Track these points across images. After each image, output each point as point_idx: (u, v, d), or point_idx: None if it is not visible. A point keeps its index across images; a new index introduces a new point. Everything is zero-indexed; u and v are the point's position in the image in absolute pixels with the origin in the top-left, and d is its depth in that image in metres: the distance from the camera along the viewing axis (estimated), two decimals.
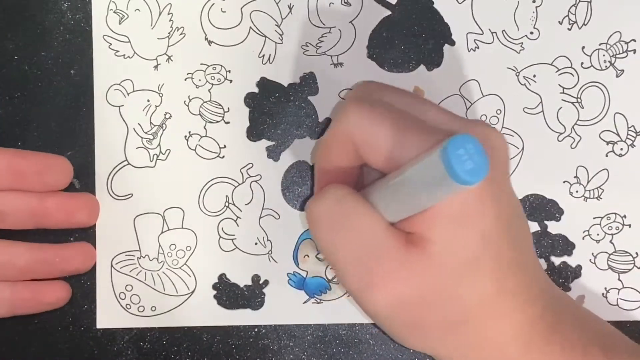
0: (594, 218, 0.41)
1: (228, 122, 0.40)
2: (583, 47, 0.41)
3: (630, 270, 0.41)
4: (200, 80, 0.40)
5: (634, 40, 0.41)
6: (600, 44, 0.41)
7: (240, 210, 0.41)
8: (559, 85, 0.41)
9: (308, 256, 0.41)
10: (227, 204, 0.40)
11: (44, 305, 0.39)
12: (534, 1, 0.41)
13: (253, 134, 0.41)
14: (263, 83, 0.40)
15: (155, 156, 0.40)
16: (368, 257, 0.32)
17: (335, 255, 0.33)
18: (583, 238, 0.41)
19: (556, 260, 0.41)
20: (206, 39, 0.40)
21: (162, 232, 0.40)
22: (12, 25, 0.40)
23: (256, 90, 0.40)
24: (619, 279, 0.41)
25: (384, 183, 0.32)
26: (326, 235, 0.33)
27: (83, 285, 0.40)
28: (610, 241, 0.41)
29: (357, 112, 0.32)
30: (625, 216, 0.41)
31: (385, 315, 0.33)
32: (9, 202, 0.37)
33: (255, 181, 0.41)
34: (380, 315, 0.33)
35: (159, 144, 0.40)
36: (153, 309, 0.40)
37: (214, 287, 0.40)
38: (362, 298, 0.32)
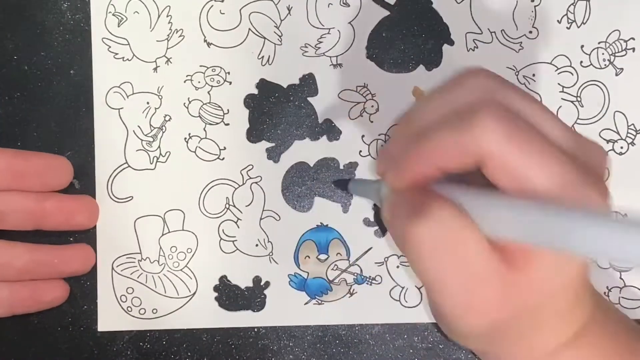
0: None
1: (228, 124, 0.40)
2: (582, 46, 0.41)
3: (631, 269, 0.41)
4: (199, 82, 0.40)
5: (633, 39, 0.41)
6: (599, 43, 0.41)
7: (241, 212, 0.40)
8: (559, 84, 0.41)
9: (309, 257, 0.40)
10: (227, 206, 0.40)
11: (42, 304, 0.39)
12: (532, 0, 0.41)
13: (253, 135, 0.41)
14: (262, 84, 0.40)
15: (155, 158, 0.40)
16: (471, 282, 0.30)
17: (436, 279, 0.31)
18: None
19: None
20: (205, 40, 0.40)
21: (162, 235, 0.40)
22: (12, 25, 0.40)
23: (256, 91, 0.41)
24: (620, 278, 0.41)
25: (502, 199, 0.30)
26: (430, 261, 0.31)
27: (83, 285, 0.40)
28: None
29: (496, 130, 0.29)
30: (625, 215, 0.41)
31: (476, 335, 0.32)
32: (9, 202, 0.37)
33: (256, 182, 0.40)
34: (470, 336, 0.33)
35: (159, 146, 0.40)
36: (154, 311, 0.40)
37: (215, 289, 0.40)
38: (455, 319, 0.32)
